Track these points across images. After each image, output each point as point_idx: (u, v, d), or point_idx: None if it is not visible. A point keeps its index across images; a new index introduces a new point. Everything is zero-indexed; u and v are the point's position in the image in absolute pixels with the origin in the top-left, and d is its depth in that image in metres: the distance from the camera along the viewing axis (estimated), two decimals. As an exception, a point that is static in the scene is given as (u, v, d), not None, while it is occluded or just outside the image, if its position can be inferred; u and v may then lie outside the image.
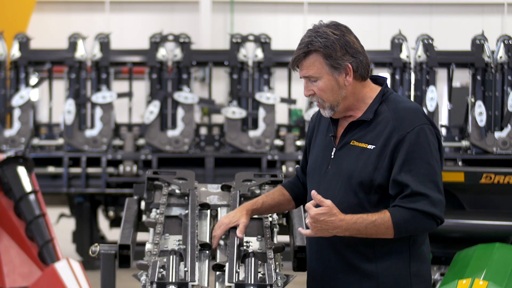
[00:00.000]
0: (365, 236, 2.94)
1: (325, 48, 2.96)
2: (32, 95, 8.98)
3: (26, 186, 5.64)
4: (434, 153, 2.97)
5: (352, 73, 3.00)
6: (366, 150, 3.00)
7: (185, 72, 8.87)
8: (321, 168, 3.09)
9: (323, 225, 2.90)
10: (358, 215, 2.92)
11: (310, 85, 3.04)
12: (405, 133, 2.95)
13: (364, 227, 2.91)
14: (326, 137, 3.14)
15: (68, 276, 5.17)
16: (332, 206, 2.89)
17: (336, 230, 2.91)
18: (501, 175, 5.51)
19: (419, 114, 3.01)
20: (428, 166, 2.94)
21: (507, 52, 8.67)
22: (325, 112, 3.07)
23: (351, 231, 2.92)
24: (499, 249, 4.88)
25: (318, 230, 2.92)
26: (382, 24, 16.18)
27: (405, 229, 2.94)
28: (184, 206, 3.52)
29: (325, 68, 2.99)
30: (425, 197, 2.92)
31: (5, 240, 5.56)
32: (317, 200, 2.90)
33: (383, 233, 2.93)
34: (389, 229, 2.92)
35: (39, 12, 15.12)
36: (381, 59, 8.93)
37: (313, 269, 3.17)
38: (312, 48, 2.98)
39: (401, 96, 3.18)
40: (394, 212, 2.92)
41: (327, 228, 2.91)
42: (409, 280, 3.02)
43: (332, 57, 2.97)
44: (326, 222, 2.89)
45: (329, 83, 3.00)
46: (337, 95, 3.02)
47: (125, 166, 8.73)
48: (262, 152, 8.78)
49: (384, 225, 2.91)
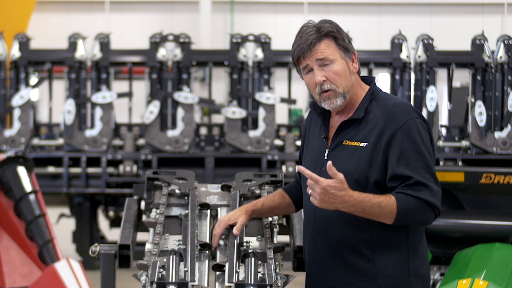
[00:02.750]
0: (367, 216, 2.92)
1: (337, 31, 3.00)
2: (32, 95, 8.98)
3: (26, 186, 5.64)
4: (427, 145, 2.98)
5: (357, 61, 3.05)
6: (359, 148, 3.00)
7: (185, 72, 8.88)
8: (315, 170, 3.06)
9: (331, 198, 2.87)
10: (365, 194, 2.90)
11: (323, 71, 3.00)
12: (397, 127, 2.96)
13: (370, 207, 2.89)
14: (319, 139, 3.15)
15: (68, 276, 5.16)
16: (344, 181, 2.86)
17: (342, 205, 2.88)
18: (501, 175, 5.52)
19: (409, 109, 3.02)
20: (423, 159, 2.95)
21: (507, 52, 8.67)
22: (336, 100, 3.02)
23: (356, 208, 2.89)
24: (499, 249, 4.88)
25: (325, 202, 2.88)
26: (382, 24, 16.18)
27: (406, 216, 2.93)
28: (184, 206, 3.52)
29: (338, 51, 3.00)
30: (426, 186, 2.92)
31: (5, 240, 5.56)
32: (331, 172, 2.86)
33: (385, 215, 2.91)
34: (392, 213, 2.90)
35: (39, 12, 15.12)
36: (381, 59, 8.94)
37: (311, 269, 3.16)
38: (324, 31, 2.98)
39: (390, 94, 3.20)
40: (400, 198, 2.91)
41: (334, 202, 2.88)
42: (407, 279, 3.02)
43: (344, 40, 3.01)
44: (335, 195, 2.86)
45: (343, 67, 3.01)
46: (348, 81, 3.03)
47: (125, 166, 8.73)
48: (262, 152, 8.78)
49: (389, 207, 2.90)
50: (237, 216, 3.21)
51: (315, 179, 2.87)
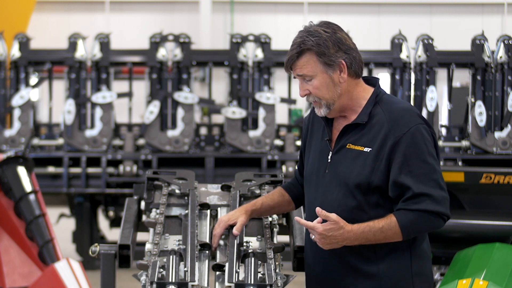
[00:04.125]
0: (374, 242, 2.95)
1: (318, 46, 2.97)
2: (32, 95, 8.98)
3: (26, 186, 5.63)
4: (431, 151, 2.97)
5: (347, 70, 3.00)
6: (362, 153, 3.00)
7: (185, 72, 8.87)
8: (319, 172, 3.09)
9: (332, 239, 2.91)
10: (365, 223, 2.93)
11: (305, 85, 3.04)
12: (400, 134, 2.95)
13: (372, 235, 2.92)
14: (322, 141, 3.14)
15: (68, 276, 5.16)
16: (339, 220, 2.89)
17: (346, 242, 2.93)
18: (501, 175, 5.51)
19: (413, 114, 3.01)
20: (427, 165, 2.95)
21: (507, 52, 8.67)
22: (321, 110, 3.06)
23: (360, 240, 2.93)
24: (499, 249, 4.87)
25: (328, 244, 2.93)
26: (382, 24, 16.18)
27: (413, 231, 2.95)
28: (184, 206, 3.52)
29: (319, 66, 2.99)
30: (427, 196, 2.93)
31: (5, 240, 5.56)
32: (322, 216, 2.90)
33: (391, 237, 2.94)
34: (397, 234, 2.93)
35: (39, 12, 15.12)
36: (381, 59, 8.94)
37: (312, 270, 3.16)
38: (305, 47, 2.98)
39: (394, 96, 3.19)
40: (400, 216, 2.93)
41: (337, 242, 2.92)
42: (410, 279, 3.02)
43: (325, 54, 2.97)
44: (335, 236, 2.90)
45: (323, 81, 3.00)
46: (332, 93, 3.02)
47: (125, 166, 8.73)
48: (262, 152, 8.78)
49: (392, 230, 2.92)
50: (237, 216, 3.21)
51: (311, 227, 2.92)
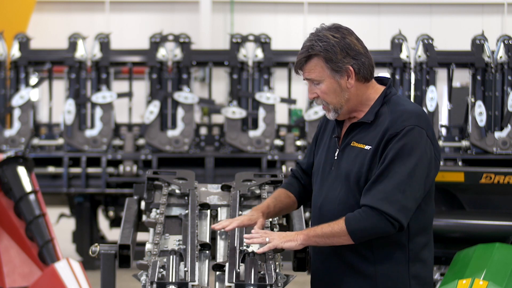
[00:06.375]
0: (322, 236, 2.99)
1: (325, 52, 2.98)
2: (32, 95, 8.98)
3: (26, 186, 5.63)
4: (417, 156, 2.94)
5: (354, 75, 3.01)
6: (363, 151, 3.02)
7: (185, 72, 8.87)
8: (325, 169, 3.13)
9: (282, 234, 3.04)
10: (313, 227, 3.03)
11: (314, 88, 3.07)
12: (394, 133, 2.96)
13: (320, 228, 2.98)
14: (331, 139, 3.18)
15: (68, 276, 5.16)
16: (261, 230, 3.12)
17: (300, 235, 3.03)
18: (501, 175, 5.51)
19: (413, 116, 3.00)
20: (400, 176, 2.92)
21: (507, 52, 8.67)
22: (329, 114, 3.10)
23: (309, 231, 3.02)
24: (499, 249, 4.87)
25: (283, 238, 3.05)
26: (382, 24, 16.19)
27: (359, 229, 2.94)
28: (184, 206, 3.52)
29: (326, 71, 3.01)
30: (382, 194, 2.92)
31: (5, 240, 5.56)
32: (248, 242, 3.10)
33: (338, 233, 2.94)
34: (343, 229, 2.94)
35: (39, 12, 15.13)
36: (381, 59, 8.93)
37: (317, 269, 3.19)
38: (313, 52, 3.00)
39: (405, 98, 3.18)
40: (348, 217, 2.96)
41: (290, 235, 3.06)
42: (407, 281, 3.03)
43: (332, 60, 2.99)
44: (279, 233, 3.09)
45: (331, 86, 3.02)
46: (340, 98, 3.04)
47: (125, 166, 8.73)
48: (262, 152, 8.78)
49: (338, 224, 2.94)
50: (256, 217, 3.22)
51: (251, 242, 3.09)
